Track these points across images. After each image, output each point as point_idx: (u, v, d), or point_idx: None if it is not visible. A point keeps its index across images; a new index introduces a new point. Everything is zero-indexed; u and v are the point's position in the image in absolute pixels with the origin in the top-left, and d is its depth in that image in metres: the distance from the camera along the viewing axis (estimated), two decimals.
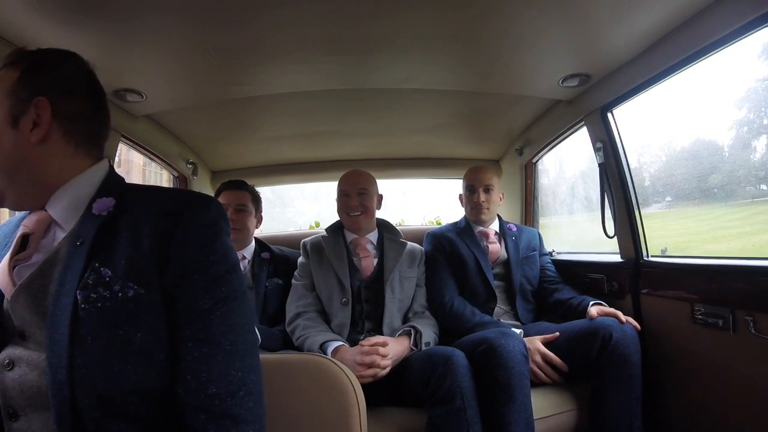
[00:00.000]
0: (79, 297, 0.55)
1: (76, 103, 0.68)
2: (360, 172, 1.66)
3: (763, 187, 1.48)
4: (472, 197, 1.77)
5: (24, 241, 0.65)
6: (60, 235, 0.64)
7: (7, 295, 0.60)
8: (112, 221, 0.62)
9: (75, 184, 0.67)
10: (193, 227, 0.62)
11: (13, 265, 0.62)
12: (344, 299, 1.46)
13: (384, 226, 1.67)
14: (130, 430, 0.56)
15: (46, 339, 0.55)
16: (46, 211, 0.66)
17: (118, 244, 0.60)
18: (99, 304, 0.56)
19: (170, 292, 0.59)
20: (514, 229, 1.83)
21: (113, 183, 0.69)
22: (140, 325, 0.57)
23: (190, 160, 2.04)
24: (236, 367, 0.59)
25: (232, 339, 0.60)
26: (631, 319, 1.34)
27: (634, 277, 1.48)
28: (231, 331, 0.60)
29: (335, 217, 1.71)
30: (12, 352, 0.58)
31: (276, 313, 1.59)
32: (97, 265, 0.57)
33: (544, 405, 1.26)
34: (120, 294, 0.56)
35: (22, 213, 0.73)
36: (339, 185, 1.65)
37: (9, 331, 0.60)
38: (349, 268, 1.52)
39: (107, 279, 0.57)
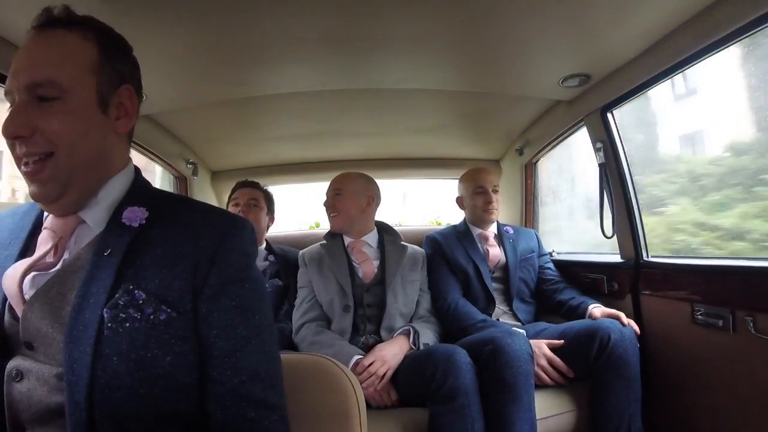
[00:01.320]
0: (106, 315, 0.51)
1: (140, 97, 0.65)
2: (344, 173, 1.65)
3: None
4: (484, 198, 1.75)
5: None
6: (83, 240, 0.58)
7: (17, 302, 0.55)
8: (144, 234, 0.57)
9: (111, 186, 0.61)
10: (233, 254, 0.59)
11: (26, 272, 0.55)
12: (346, 305, 1.45)
13: (384, 229, 1.66)
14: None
15: (64, 354, 0.50)
16: (73, 213, 0.59)
17: (152, 263, 0.55)
18: (127, 325, 0.52)
19: (205, 319, 0.56)
20: (512, 231, 1.83)
21: (141, 189, 0.64)
22: (170, 348, 0.53)
23: (190, 160, 2.03)
24: (270, 395, 0.58)
25: (265, 368, 0.59)
26: (632, 323, 1.33)
27: (634, 277, 1.48)
28: (266, 360, 0.59)
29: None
30: (21, 363, 0.54)
31: (275, 312, 1.60)
32: (131, 287, 0.53)
33: (544, 406, 1.26)
34: (152, 317, 0.53)
35: (27, 204, 0.65)
36: None
37: (15, 340, 0.55)
38: (350, 273, 1.51)
39: (140, 302, 0.53)
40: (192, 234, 0.58)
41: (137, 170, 0.67)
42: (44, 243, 0.57)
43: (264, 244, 1.76)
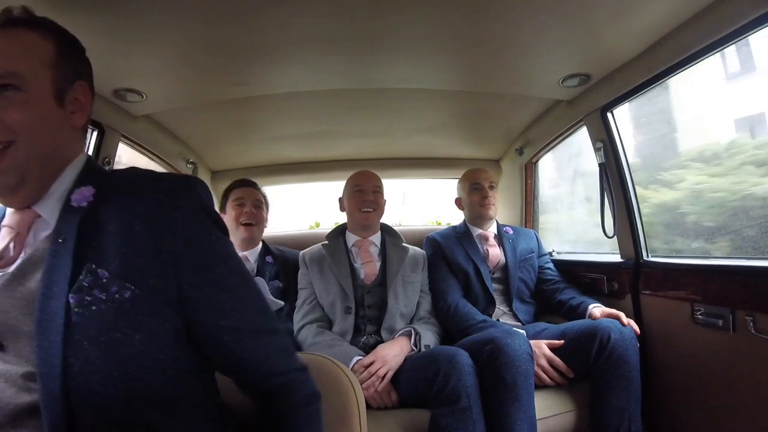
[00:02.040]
0: (72, 301, 0.51)
1: (93, 94, 0.68)
2: (371, 172, 1.68)
3: None
4: (480, 194, 1.77)
5: None
6: (41, 233, 0.58)
7: None
8: (93, 213, 0.56)
9: (63, 177, 0.61)
10: (190, 215, 0.58)
11: None
12: (347, 307, 1.45)
13: (386, 230, 1.67)
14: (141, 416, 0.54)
15: (35, 348, 0.50)
16: (29, 208, 0.59)
17: (108, 241, 0.54)
18: (94, 307, 0.52)
19: (192, 287, 0.57)
20: (511, 232, 1.83)
21: (91, 172, 0.63)
22: (138, 326, 0.53)
23: (190, 160, 2.03)
24: (271, 323, 0.66)
25: (262, 303, 0.65)
26: (632, 322, 1.33)
27: (634, 277, 1.48)
28: (263, 310, 0.65)
29: (335, 218, 1.71)
30: None
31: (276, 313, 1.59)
32: (94, 266, 0.53)
33: (544, 406, 1.26)
34: (117, 295, 0.53)
35: None
36: (352, 181, 1.65)
37: None
38: (351, 275, 1.51)
39: (104, 281, 0.52)
40: (142, 205, 0.57)
41: (88, 156, 0.67)
42: (2, 240, 0.57)
43: (260, 245, 1.73)
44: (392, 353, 1.30)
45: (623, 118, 1.49)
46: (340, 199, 1.70)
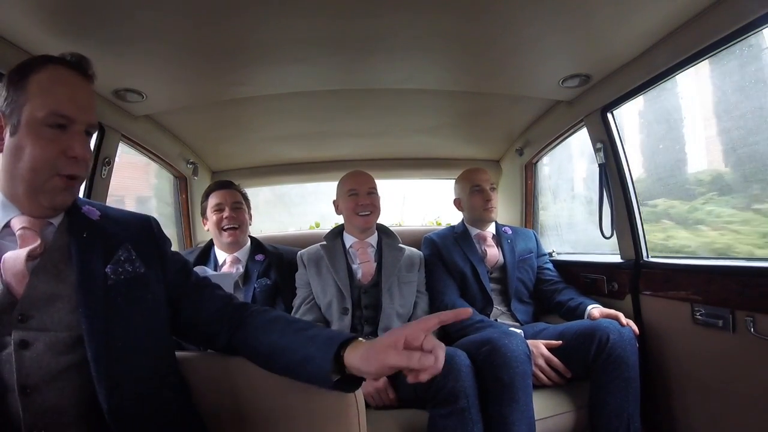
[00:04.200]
0: (108, 270, 0.74)
1: None
2: (365, 173, 1.65)
3: None
4: (482, 197, 1.76)
5: None
6: (47, 231, 0.74)
7: (20, 279, 0.67)
8: (102, 222, 0.80)
9: None
10: (161, 229, 0.90)
11: (28, 258, 0.69)
12: (344, 308, 1.45)
13: (383, 231, 1.66)
14: (150, 362, 0.76)
15: (80, 304, 0.68)
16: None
17: (120, 240, 0.80)
18: (122, 277, 0.76)
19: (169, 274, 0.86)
20: (510, 232, 1.83)
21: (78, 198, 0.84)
22: (148, 289, 0.79)
23: (191, 160, 2.04)
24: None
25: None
26: (631, 323, 1.33)
27: (634, 277, 1.48)
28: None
29: (335, 218, 1.70)
30: (24, 333, 0.65)
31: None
32: (130, 246, 0.79)
33: (543, 406, 1.25)
34: (137, 269, 0.78)
35: None
36: (345, 185, 1.61)
37: (9, 318, 0.65)
38: (349, 276, 1.51)
39: (132, 257, 0.79)
40: (134, 222, 0.86)
41: None
42: (30, 239, 0.71)
43: (248, 243, 1.70)
44: None
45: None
46: (335, 202, 1.68)
